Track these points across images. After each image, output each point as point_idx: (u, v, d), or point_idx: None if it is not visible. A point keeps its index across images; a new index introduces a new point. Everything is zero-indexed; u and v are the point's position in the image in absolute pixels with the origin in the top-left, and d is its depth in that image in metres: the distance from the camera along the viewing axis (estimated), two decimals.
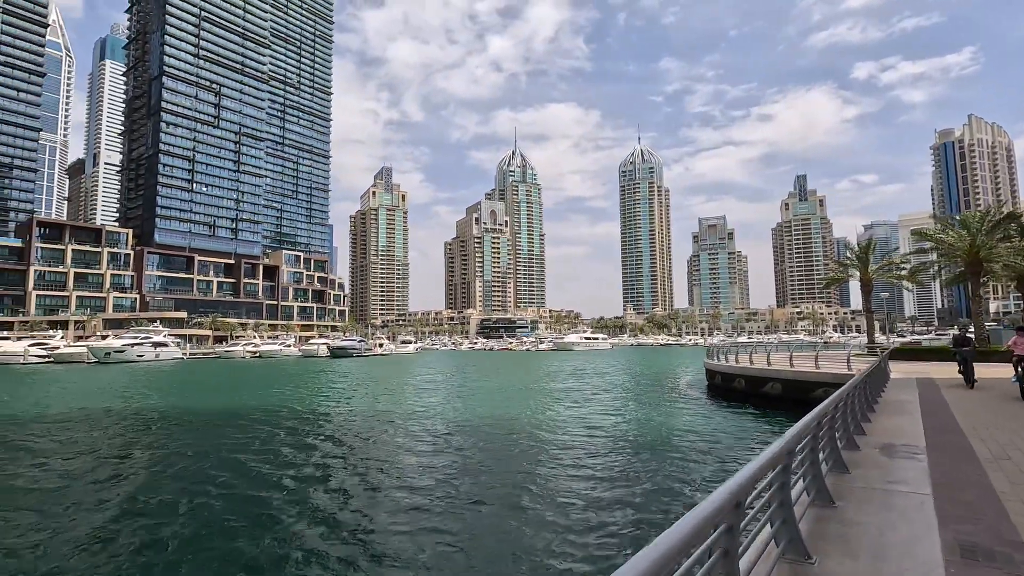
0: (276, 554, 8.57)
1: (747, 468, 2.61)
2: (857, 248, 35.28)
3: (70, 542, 9.16)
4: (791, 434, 3.65)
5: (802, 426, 4.08)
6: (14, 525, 10.09)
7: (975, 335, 26.71)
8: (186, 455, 16.27)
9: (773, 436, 16.51)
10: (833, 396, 5.86)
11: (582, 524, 9.24)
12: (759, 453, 3.10)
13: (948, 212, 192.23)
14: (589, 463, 14.24)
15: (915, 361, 27.27)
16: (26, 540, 9.29)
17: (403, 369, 64.48)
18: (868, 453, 6.16)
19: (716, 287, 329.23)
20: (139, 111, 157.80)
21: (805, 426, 4.16)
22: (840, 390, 6.55)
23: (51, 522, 10.17)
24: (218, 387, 41.45)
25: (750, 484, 2.51)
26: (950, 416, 9.15)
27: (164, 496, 11.80)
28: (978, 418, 9.18)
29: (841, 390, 6.59)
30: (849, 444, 6.38)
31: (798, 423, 4.14)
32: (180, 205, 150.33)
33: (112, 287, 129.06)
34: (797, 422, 4.23)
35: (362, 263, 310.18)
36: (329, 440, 18.81)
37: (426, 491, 11.69)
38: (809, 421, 4.35)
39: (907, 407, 10.02)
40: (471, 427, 20.59)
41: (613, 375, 48.90)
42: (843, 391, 6.50)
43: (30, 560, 8.40)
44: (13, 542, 9.19)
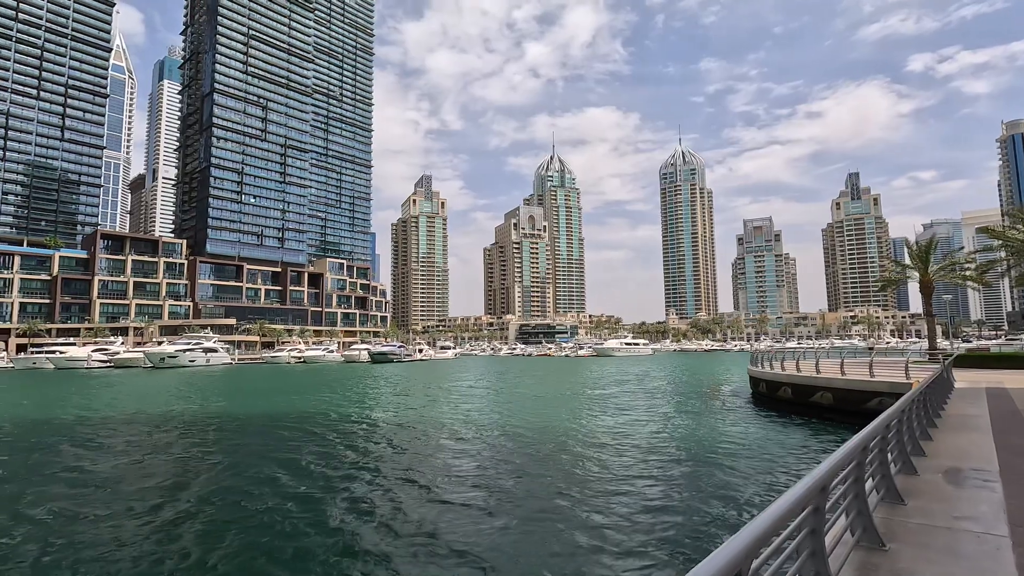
0: (322, 549, 8.89)
1: (762, 518, 2.07)
2: (916, 247, 32.83)
3: (131, 530, 9.96)
4: (825, 468, 2.84)
5: (844, 453, 3.27)
6: (85, 516, 10.98)
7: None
8: (230, 455, 17.05)
9: (821, 450, 15.26)
10: (884, 414, 5.04)
11: (616, 535, 9.11)
12: (786, 489, 2.62)
13: (1017, 206, 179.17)
14: (622, 476, 13.61)
15: (983, 369, 25.06)
16: (92, 530, 10.09)
17: (441, 375, 64.61)
18: (928, 480, 5.21)
19: (763, 291, 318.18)
20: (192, 127, 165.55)
21: (848, 453, 3.34)
22: (894, 405, 5.68)
23: (116, 513, 11.04)
24: (262, 391, 42.60)
25: (765, 538, 2.01)
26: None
27: (212, 492, 12.60)
28: None
29: (895, 405, 5.71)
30: (905, 467, 5.45)
31: (838, 451, 3.33)
32: (230, 216, 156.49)
33: (168, 295, 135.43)
34: (841, 446, 3.44)
35: (403, 270, 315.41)
36: (365, 444, 18.93)
37: (461, 495, 11.80)
38: (853, 448, 3.54)
39: (975, 422, 8.81)
40: (506, 434, 20.08)
41: (652, 382, 47.42)
42: (898, 406, 5.63)
43: (93, 549, 9.05)
44: (82, 531, 10.03)
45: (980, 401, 11.79)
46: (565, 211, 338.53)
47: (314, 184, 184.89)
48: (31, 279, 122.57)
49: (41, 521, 10.61)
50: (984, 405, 11.07)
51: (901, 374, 19.01)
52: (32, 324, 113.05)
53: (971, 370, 24.23)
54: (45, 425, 24.32)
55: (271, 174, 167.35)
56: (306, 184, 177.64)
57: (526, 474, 13.85)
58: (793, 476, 12.45)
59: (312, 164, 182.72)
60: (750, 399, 28.84)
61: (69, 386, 48.62)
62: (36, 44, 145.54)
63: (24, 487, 13.27)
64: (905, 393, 16.82)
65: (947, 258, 34.50)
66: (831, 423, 19.55)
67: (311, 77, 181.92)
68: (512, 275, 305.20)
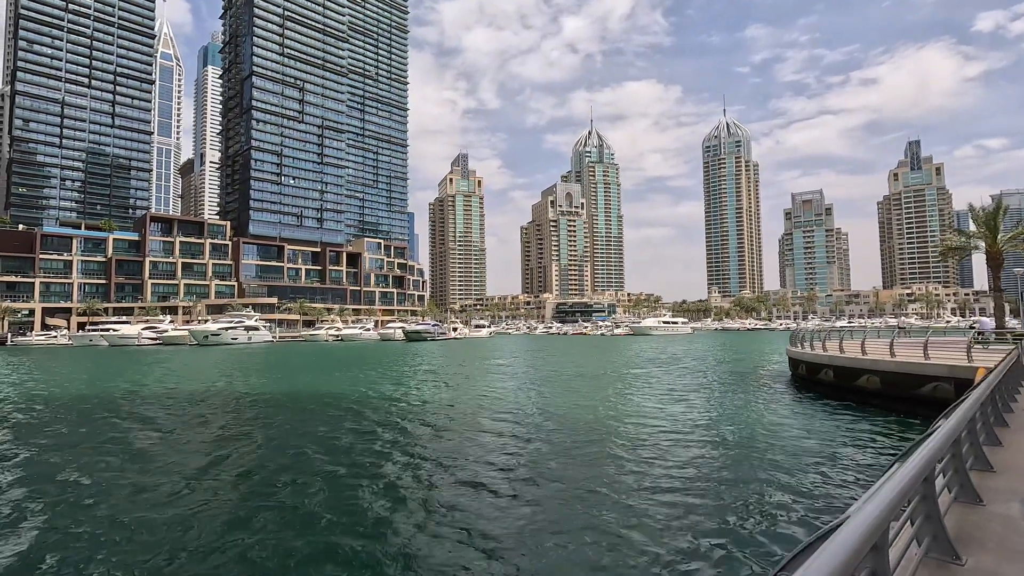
0: (341, 529, 8.84)
1: None
2: (983, 212, 29.37)
3: (159, 502, 10.21)
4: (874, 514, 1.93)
5: (900, 488, 2.17)
6: (120, 486, 11.31)
7: None
8: (262, 430, 17.55)
9: (861, 442, 13.41)
10: (955, 417, 3.46)
11: (645, 527, 8.67)
12: None
13: None
14: (641, 461, 12.45)
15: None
16: (122, 501, 10.33)
17: (474, 353, 64.25)
18: (999, 513, 3.58)
19: (811, 267, 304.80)
20: (233, 110, 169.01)
21: (907, 487, 2.23)
22: (967, 402, 4.09)
23: (146, 485, 11.32)
24: (298, 368, 43.52)
25: None
26: None
27: (241, 467, 12.96)
28: None
29: (968, 402, 4.12)
30: (964, 491, 3.85)
31: (888, 487, 2.18)
32: (271, 197, 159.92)
33: (214, 275, 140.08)
34: (895, 476, 2.29)
35: (441, 249, 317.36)
36: (392, 421, 18.65)
37: (487, 479, 11.57)
38: (916, 476, 2.39)
39: None
40: (526, 414, 19.16)
41: (687, 361, 45.42)
42: (972, 401, 4.04)
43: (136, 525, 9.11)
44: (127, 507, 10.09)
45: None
46: (604, 187, 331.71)
47: (351, 164, 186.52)
48: (89, 260, 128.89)
49: (72, 492, 10.92)
50: None
51: (962, 356, 16.73)
52: (91, 303, 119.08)
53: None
54: (94, 399, 25.23)
55: (309, 155, 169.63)
56: (343, 165, 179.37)
57: (550, 460, 13.08)
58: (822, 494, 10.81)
59: (349, 145, 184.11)
60: (789, 382, 26.72)
61: (120, 362, 51.04)
62: (86, 34, 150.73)
63: (66, 457, 13.87)
64: (968, 379, 14.73)
65: (1020, 224, 30.88)
66: (878, 410, 17.49)
67: (346, 57, 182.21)
68: (549, 254, 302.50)
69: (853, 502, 9.00)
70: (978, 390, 4.62)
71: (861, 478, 10.75)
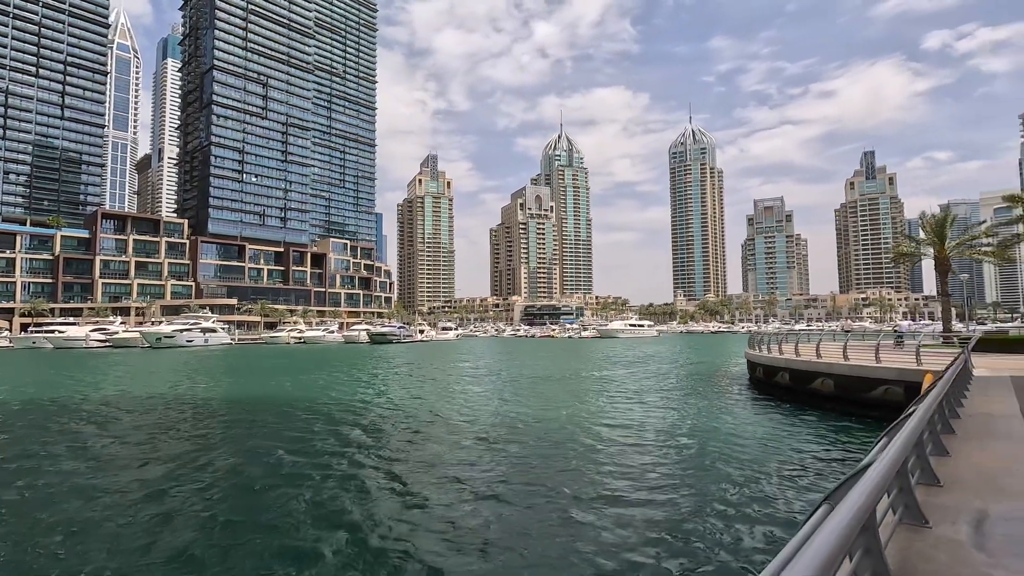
0: (302, 544, 8.35)
1: None
2: (932, 219, 30.36)
3: (101, 512, 9.63)
4: None
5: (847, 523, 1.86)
6: (62, 496, 10.62)
7: None
8: (213, 437, 16.67)
9: (812, 448, 13.34)
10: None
11: (606, 529, 8.63)
12: None
13: None
14: (603, 466, 12.18)
15: (1002, 354, 22.90)
16: (65, 510, 9.81)
17: (440, 356, 63.38)
18: (946, 537, 3.20)
19: (772, 272, 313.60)
20: (193, 105, 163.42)
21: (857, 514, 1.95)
22: (916, 414, 3.78)
23: (88, 493, 10.70)
24: (256, 372, 42.11)
25: None
26: None
27: (183, 474, 12.35)
28: None
29: (917, 414, 3.81)
30: (909, 512, 3.42)
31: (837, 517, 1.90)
32: (231, 195, 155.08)
33: (170, 275, 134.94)
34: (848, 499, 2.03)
35: (409, 251, 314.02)
36: (352, 429, 17.77)
37: (424, 480, 11.46)
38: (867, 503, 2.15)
39: (1004, 426, 6.76)
40: (488, 418, 18.64)
41: (651, 364, 45.66)
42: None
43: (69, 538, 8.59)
44: None
45: (1006, 394, 9.80)
46: (573, 191, 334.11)
47: (317, 163, 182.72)
48: (34, 258, 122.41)
49: (15, 503, 10.37)
50: (1013, 400, 9.06)
51: (912, 359, 16.98)
52: (36, 303, 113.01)
53: (989, 355, 22.10)
54: (28, 404, 23.62)
55: (273, 153, 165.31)
56: (308, 163, 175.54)
57: (512, 466, 12.72)
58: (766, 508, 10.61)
59: (314, 143, 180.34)
60: (747, 385, 26.93)
61: (64, 366, 48.34)
62: (34, 20, 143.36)
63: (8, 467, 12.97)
64: (917, 382, 14.91)
65: (966, 233, 32.04)
66: (832, 413, 17.61)
67: (312, 53, 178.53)
68: (518, 256, 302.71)
69: (800, 515, 8.70)
70: (926, 402, 4.34)
71: (809, 487, 10.59)
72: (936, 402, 4.48)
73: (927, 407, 3.63)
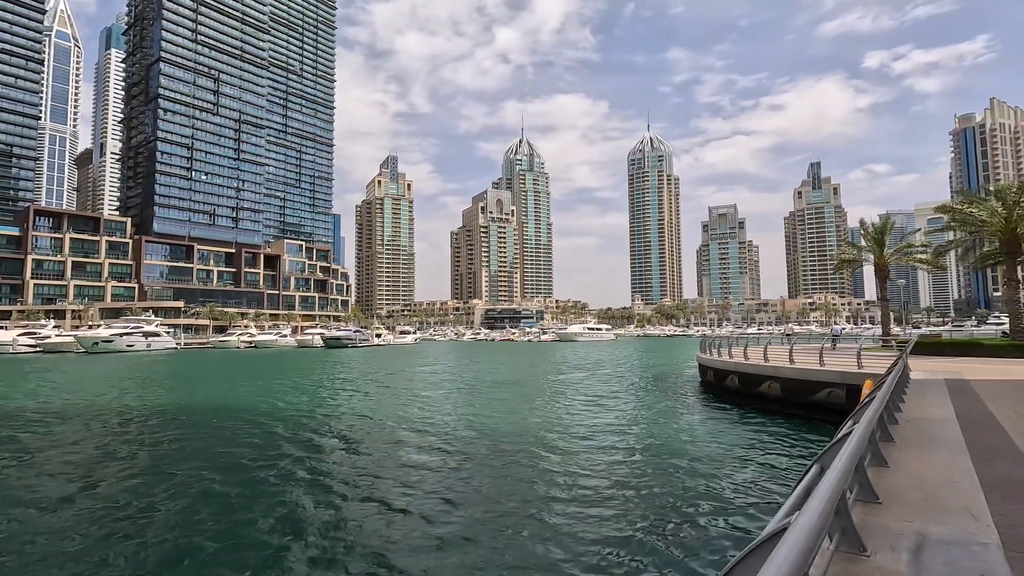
0: None
1: None
2: (872, 228, 31.73)
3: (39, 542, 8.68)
4: None
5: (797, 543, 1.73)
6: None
7: (1011, 326, 23.22)
8: (147, 448, 15.69)
9: (756, 453, 13.36)
10: (850, 447, 2.93)
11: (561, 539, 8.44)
12: None
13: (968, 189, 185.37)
14: (555, 472, 11.87)
15: (937, 356, 23.87)
16: None
17: (396, 360, 62.04)
18: (884, 568, 2.92)
19: (726, 277, 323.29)
20: (138, 98, 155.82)
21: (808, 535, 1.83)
22: (859, 427, 3.53)
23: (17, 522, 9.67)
24: (202, 377, 40.48)
25: None
26: (1017, 452, 5.76)
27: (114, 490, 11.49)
28: None
29: (860, 427, 3.56)
30: (847, 539, 3.09)
31: None
32: (179, 194, 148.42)
33: (111, 276, 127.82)
34: None
35: (368, 253, 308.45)
36: (298, 437, 16.89)
37: (390, 493, 10.90)
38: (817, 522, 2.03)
39: (942, 432, 6.73)
40: (440, 425, 18.00)
41: (607, 368, 45.88)
42: (864, 426, 3.47)
43: None
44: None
45: (942, 397, 9.98)
46: (534, 195, 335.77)
47: (271, 162, 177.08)
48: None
49: None
50: (948, 404, 9.20)
51: (853, 363, 17.38)
52: None
53: (925, 358, 22.99)
54: None
55: (224, 150, 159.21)
56: (262, 162, 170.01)
57: (465, 474, 12.36)
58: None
59: (269, 141, 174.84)
60: (700, 388, 27.22)
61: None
62: None
63: None
64: (857, 384, 15.21)
65: (903, 240, 33.60)
66: (779, 416, 17.84)
67: (267, 49, 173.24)
68: (479, 259, 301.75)
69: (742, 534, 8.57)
70: (867, 415, 4.10)
71: (753, 502, 10.50)
72: (877, 415, 4.26)
73: (868, 422, 3.33)
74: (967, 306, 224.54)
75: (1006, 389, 12.36)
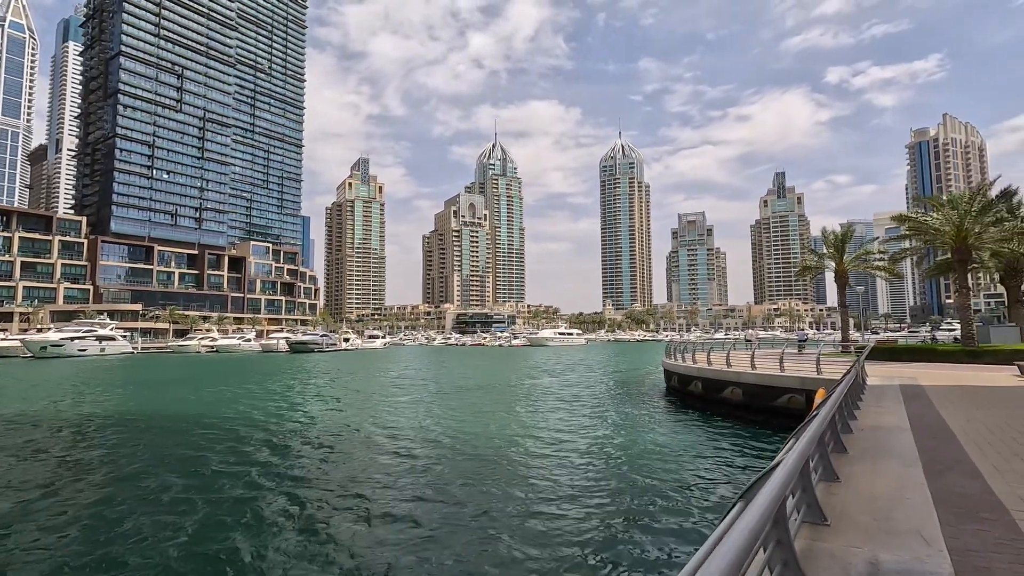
0: None
1: None
2: (833, 235, 32.53)
3: None
4: None
5: None
6: None
7: (962, 332, 23.86)
8: (81, 463, 14.54)
9: (717, 461, 13.21)
10: (792, 458, 2.86)
11: None
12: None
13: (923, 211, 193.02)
14: (519, 479, 11.53)
15: (893, 362, 24.38)
16: None
17: (361, 366, 60.77)
18: None
19: (695, 283, 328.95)
20: (96, 92, 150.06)
21: None
22: (805, 436, 3.23)
23: None
24: (158, 383, 38.76)
25: None
26: (969, 462, 5.64)
27: None
28: (1017, 452, 6.05)
29: (806, 436, 3.26)
30: (789, 570, 2.70)
31: None
32: (139, 192, 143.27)
33: (63, 277, 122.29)
34: None
35: (338, 256, 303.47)
36: (254, 446, 16.12)
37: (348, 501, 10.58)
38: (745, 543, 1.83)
39: (895, 443, 6.45)
40: (401, 433, 17.30)
41: (574, 373, 45.77)
42: (809, 437, 3.17)
43: None
44: None
45: (897, 404, 9.94)
46: (507, 200, 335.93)
47: (237, 162, 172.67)
48: None
49: None
50: (902, 410, 9.15)
51: (812, 368, 17.49)
52: None
53: (881, 363, 23.43)
54: None
55: (188, 149, 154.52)
56: (228, 161, 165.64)
57: (422, 479, 12.12)
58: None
59: (235, 140, 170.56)
60: (665, 394, 27.21)
61: None
62: None
63: None
64: (815, 389, 15.29)
65: (862, 248, 34.48)
66: (740, 422, 17.82)
67: (234, 47, 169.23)
68: (451, 264, 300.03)
69: None
70: (813, 426, 3.82)
71: (709, 495, 10.28)
72: (818, 434, 3.95)
73: (800, 454, 2.95)
74: (922, 313, 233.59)
75: (957, 394, 12.54)
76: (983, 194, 22.30)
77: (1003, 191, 23.04)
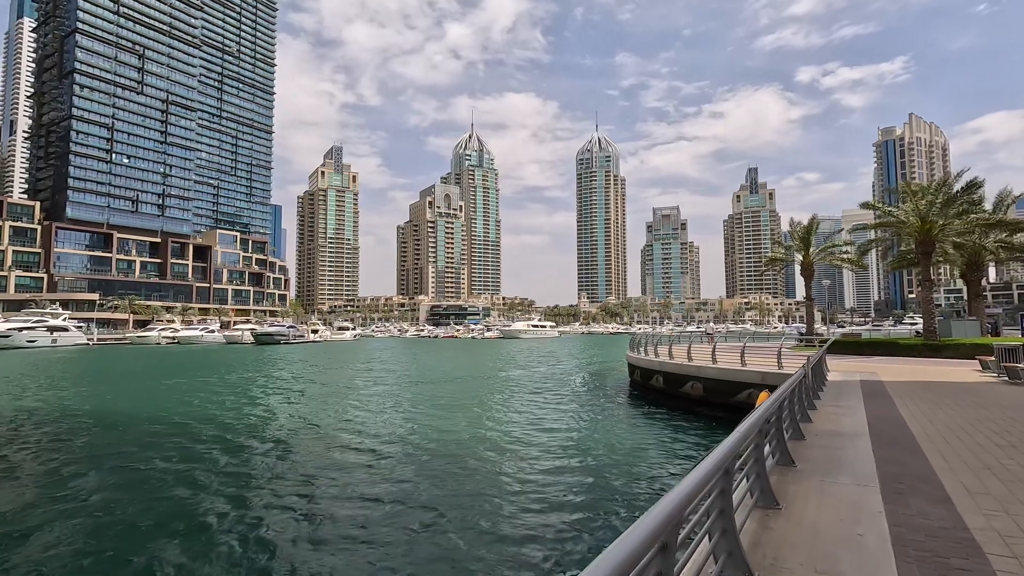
0: None
1: None
2: (800, 228, 32.35)
3: None
4: None
5: None
6: None
7: (924, 326, 23.75)
8: (12, 462, 13.43)
9: (662, 477, 12.47)
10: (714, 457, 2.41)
11: None
12: None
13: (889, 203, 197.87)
14: (483, 475, 10.97)
15: (856, 356, 24.15)
16: None
17: (328, 358, 59.04)
18: None
19: (668, 277, 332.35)
20: (50, 71, 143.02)
21: None
22: (733, 435, 2.78)
23: None
24: (112, 377, 37.01)
25: None
26: (934, 479, 4.95)
27: None
28: (988, 464, 5.35)
29: (734, 435, 2.79)
30: (731, 565, 2.43)
31: None
32: (97, 177, 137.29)
33: (14, 265, 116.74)
34: None
35: (310, 247, 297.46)
36: (195, 444, 14.98)
37: None
38: None
39: (851, 450, 5.66)
40: (360, 428, 16.33)
41: (543, 366, 45.11)
42: (737, 437, 2.73)
43: None
44: None
45: (856, 402, 9.27)
46: (483, 192, 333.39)
47: (204, 147, 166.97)
48: None
49: None
50: (862, 411, 8.45)
51: (774, 363, 16.91)
52: None
53: (844, 357, 23.15)
54: None
55: (150, 132, 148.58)
56: (193, 147, 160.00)
57: (383, 482, 11.50)
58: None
59: (201, 125, 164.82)
60: (629, 388, 26.58)
61: None
62: None
63: None
64: (776, 385, 14.65)
65: (827, 241, 34.40)
66: (701, 419, 17.17)
67: (200, 27, 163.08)
68: (426, 255, 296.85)
69: None
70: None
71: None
72: (751, 436, 2.98)
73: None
74: (886, 307, 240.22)
75: (919, 391, 12.03)
76: (948, 186, 22.15)
77: (969, 182, 22.91)
